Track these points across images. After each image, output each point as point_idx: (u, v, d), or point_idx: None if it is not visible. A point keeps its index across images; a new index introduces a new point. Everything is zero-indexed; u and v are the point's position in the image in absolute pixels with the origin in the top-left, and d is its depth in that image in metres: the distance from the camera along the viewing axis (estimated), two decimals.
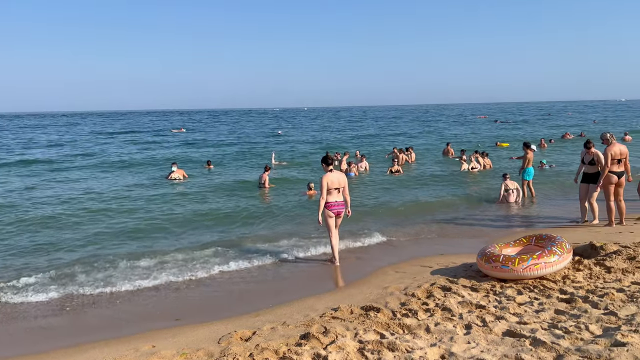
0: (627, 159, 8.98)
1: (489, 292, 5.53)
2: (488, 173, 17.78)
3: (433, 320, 4.66)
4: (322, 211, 7.41)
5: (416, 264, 7.31)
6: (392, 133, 43.21)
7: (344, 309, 5.18)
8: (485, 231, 9.70)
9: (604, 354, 3.57)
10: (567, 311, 4.71)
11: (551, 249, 5.85)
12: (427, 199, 13.54)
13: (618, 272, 5.79)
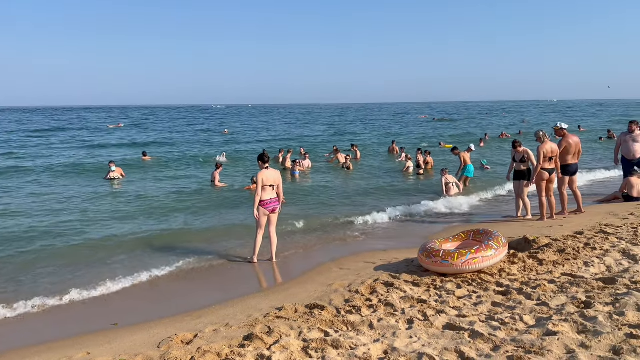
0: (557, 157, 9.47)
1: (430, 286, 5.66)
2: (430, 172, 18.28)
3: (376, 316, 4.70)
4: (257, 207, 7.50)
5: (360, 261, 7.38)
6: (340, 132, 43.50)
7: (289, 308, 5.13)
8: (426, 227, 9.96)
9: (537, 343, 3.72)
10: (503, 303, 4.88)
11: (488, 243, 6.07)
12: (370, 195, 13.74)
13: (549, 264, 6.08)
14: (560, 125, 9.88)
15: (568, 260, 6.15)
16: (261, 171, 7.54)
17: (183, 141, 33.91)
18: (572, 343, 3.69)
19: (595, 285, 5.08)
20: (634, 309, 4.26)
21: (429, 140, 33.09)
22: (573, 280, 5.32)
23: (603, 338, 3.71)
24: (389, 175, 17.95)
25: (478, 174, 16.57)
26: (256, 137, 38.10)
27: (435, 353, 3.72)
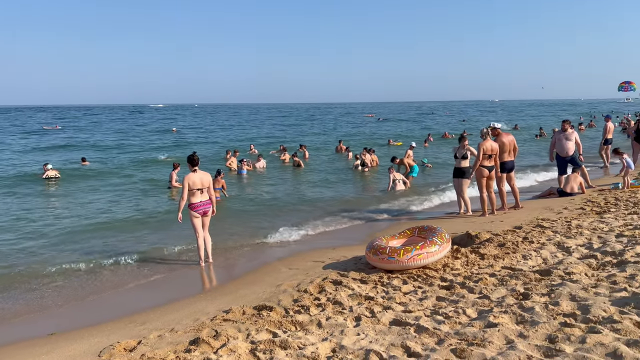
0: (497, 155, 9.84)
1: (377, 283, 5.74)
2: (375, 169, 18.59)
3: (325, 315, 4.71)
4: (184, 211, 7.39)
5: (309, 260, 7.39)
6: (291, 132, 43.42)
7: (236, 310, 5.06)
8: (373, 224, 10.11)
9: (479, 335, 3.85)
10: (447, 297, 5.02)
11: (432, 239, 6.22)
12: (318, 194, 13.80)
13: (490, 259, 6.31)
14: (494, 125, 10.29)
15: (508, 254, 6.40)
16: (188, 175, 7.40)
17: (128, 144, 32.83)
18: (511, 334, 3.84)
19: (533, 277, 5.31)
20: (567, 299, 4.48)
21: (375, 139, 33.62)
22: (512, 273, 5.54)
23: (540, 327, 3.88)
24: (336, 173, 18.12)
25: (420, 171, 16.99)
26: (208, 138, 37.41)
27: (382, 349, 3.77)
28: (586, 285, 4.83)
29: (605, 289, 4.70)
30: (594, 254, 6.00)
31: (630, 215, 8.11)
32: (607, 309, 4.12)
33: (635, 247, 6.02)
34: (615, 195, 10.48)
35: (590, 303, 4.26)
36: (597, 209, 9.13)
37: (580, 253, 6.13)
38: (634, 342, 3.46)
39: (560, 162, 11.87)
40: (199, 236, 7.50)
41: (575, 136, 11.83)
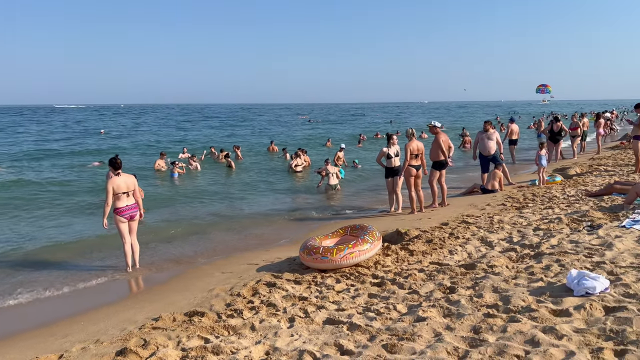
0: (422, 154, 10.19)
1: (311, 283, 5.76)
2: (308, 169, 18.69)
3: (258, 318, 4.67)
4: (109, 216, 7.10)
5: (242, 262, 7.30)
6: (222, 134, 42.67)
7: (166, 318, 4.90)
8: (307, 224, 10.15)
9: (409, 329, 3.96)
10: (378, 294, 5.12)
11: (364, 237, 6.34)
12: (251, 194, 13.68)
13: (419, 255, 6.52)
14: (434, 123, 10.67)
15: (435, 250, 6.64)
16: (111, 179, 7.09)
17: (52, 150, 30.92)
18: (439, 327, 3.98)
19: (459, 272, 5.54)
20: (490, 291, 4.71)
21: (309, 140, 33.80)
22: (440, 268, 5.75)
23: (465, 319, 4.06)
24: (269, 174, 18.05)
25: (351, 172, 17.30)
26: (140, 139, 35.98)
27: (315, 349, 3.78)
28: (507, 277, 5.10)
29: (524, 279, 4.99)
30: (513, 247, 6.36)
31: (546, 210, 8.67)
32: (526, 298, 4.37)
33: (550, 240, 6.45)
34: (532, 191, 11.16)
35: (511, 294, 4.51)
36: (516, 204, 9.69)
37: (502, 247, 6.48)
38: (550, 328, 3.70)
39: (482, 160, 12.48)
40: (125, 242, 7.20)
41: (497, 136, 12.48)
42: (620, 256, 5.45)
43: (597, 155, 18.21)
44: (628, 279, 4.67)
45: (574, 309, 4.04)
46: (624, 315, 3.80)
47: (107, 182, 7.04)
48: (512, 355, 3.34)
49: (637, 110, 12.60)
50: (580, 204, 8.92)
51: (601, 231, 6.61)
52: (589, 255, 5.61)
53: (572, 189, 10.71)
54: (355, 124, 57.47)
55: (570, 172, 13.48)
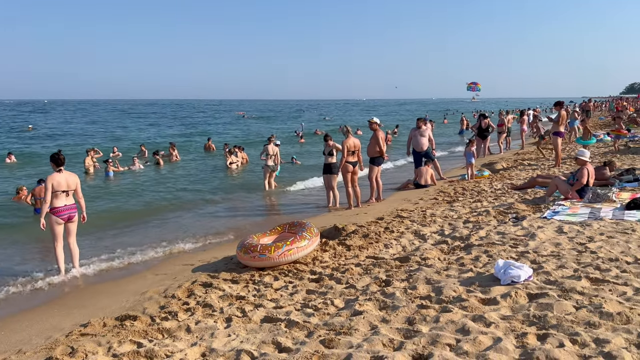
0: (359, 150, 10.35)
1: (248, 282, 5.70)
2: (245, 167, 18.50)
3: (194, 319, 4.56)
4: (47, 216, 6.71)
5: (177, 263, 7.10)
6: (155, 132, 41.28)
7: (95, 323, 4.68)
8: (245, 223, 10.03)
9: (346, 324, 4.01)
10: (316, 290, 5.15)
11: (302, 234, 6.35)
12: (188, 194, 13.36)
13: (356, 249, 6.61)
14: (374, 120, 10.85)
15: (371, 244, 6.76)
16: (52, 175, 6.71)
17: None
18: (375, 319, 4.05)
19: (394, 265, 5.67)
20: (423, 283, 4.86)
21: (246, 137, 33.46)
22: (375, 262, 5.87)
23: (400, 311, 4.16)
24: (206, 172, 17.70)
25: (289, 168, 17.31)
26: (71, 137, 34.07)
27: (253, 348, 3.75)
28: (439, 269, 5.29)
29: (455, 270, 5.19)
30: (445, 239, 6.60)
31: (475, 203, 9.07)
32: (457, 289, 4.55)
33: (479, 232, 6.75)
34: (462, 185, 11.64)
35: (443, 285, 4.67)
36: (447, 198, 10.06)
37: (434, 239, 6.70)
38: (479, 317, 3.87)
39: (416, 156, 12.85)
40: (57, 244, 6.77)
41: (429, 132, 12.89)
42: (542, 245, 5.79)
43: (522, 150, 19.26)
44: (549, 266, 4.97)
45: (501, 297, 4.25)
46: (545, 301, 4.04)
47: (47, 179, 6.62)
48: (444, 344, 3.46)
49: (556, 107, 13.45)
50: (506, 197, 9.40)
51: (525, 222, 7.00)
52: (514, 245, 5.93)
53: (499, 183, 11.27)
54: (292, 120, 57.52)
55: (497, 166, 14.16)
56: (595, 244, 5.71)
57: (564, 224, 6.79)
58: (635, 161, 12.58)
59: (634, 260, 5.05)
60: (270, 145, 13.78)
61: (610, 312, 3.73)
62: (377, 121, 10.84)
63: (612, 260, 5.07)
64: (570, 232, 6.31)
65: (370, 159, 10.80)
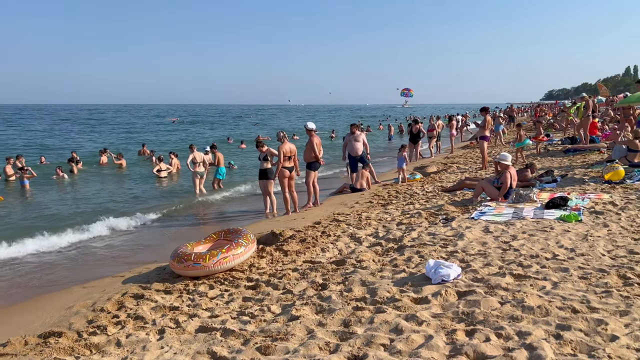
0: (295, 156, 10.39)
1: (182, 292, 5.55)
2: (179, 173, 18.06)
3: (124, 333, 4.38)
4: None
5: (106, 275, 6.80)
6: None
7: (16, 342, 4.38)
8: (178, 231, 9.77)
9: (282, 329, 4.00)
10: (253, 297, 5.10)
11: (238, 241, 6.27)
12: (118, 203, 12.83)
13: (293, 254, 6.62)
14: (309, 126, 10.91)
15: (308, 249, 6.79)
16: None
17: None
18: (311, 324, 4.07)
19: (330, 268, 5.73)
20: (358, 285, 4.94)
21: (177, 143, 32.61)
22: (312, 266, 5.90)
23: (336, 314, 4.21)
24: (138, 178, 17.10)
25: (227, 174, 17.07)
26: None
27: (187, 359, 3.65)
28: (374, 271, 5.40)
29: (389, 272, 5.32)
30: (379, 241, 6.75)
31: (408, 206, 9.34)
32: (390, 289, 4.66)
33: (411, 233, 6.96)
34: (396, 188, 11.95)
35: (377, 286, 4.78)
36: (382, 201, 10.29)
37: (369, 242, 6.84)
38: (411, 316, 3.99)
39: (351, 161, 13.07)
40: None
41: (363, 138, 13.15)
42: (469, 245, 6.06)
43: (451, 154, 20.06)
44: (476, 265, 5.21)
45: (432, 296, 4.40)
46: (473, 298, 4.23)
47: None
48: (378, 345, 3.54)
49: (482, 113, 14.13)
50: (437, 199, 9.75)
51: (454, 223, 7.30)
52: (444, 245, 6.16)
53: (430, 186, 11.67)
54: (228, 125, 56.80)
55: (428, 170, 14.67)
56: (518, 242, 6.05)
57: (490, 223, 7.14)
58: (554, 163, 13.46)
59: (552, 256, 5.40)
60: (197, 152, 13.60)
61: (532, 306, 3.96)
62: (313, 127, 10.92)
63: (533, 256, 5.40)
64: (496, 232, 6.65)
65: (307, 164, 10.87)
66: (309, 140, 10.74)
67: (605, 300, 4.03)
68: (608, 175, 9.68)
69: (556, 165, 13.05)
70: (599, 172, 10.87)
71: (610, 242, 5.85)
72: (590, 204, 7.91)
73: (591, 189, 9.35)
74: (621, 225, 6.54)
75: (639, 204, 7.64)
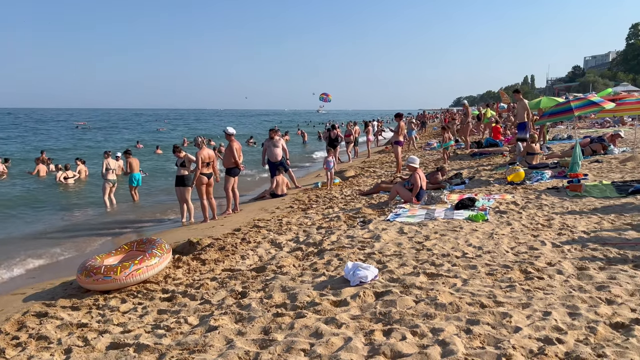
0: (214, 161, 10.17)
1: (91, 307, 5.22)
2: (86, 181, 17.07)
3: (26, 355, 4.03)
4: None
5: (4, 293, 6.25)
6: None
7: None
8: (86, 243, 9.21)
9: (200, 341, 3.87)
10: (169, 309, 4.90)
11: (152, 251, 6.00)
12: (16, 215, 11.86)
13: (211, 263, 6.45)
14: (228, 131, 10.71)
15: (228, 257, 6.65)
16: None
17: None
18: (230, 333, 3.98)
19: (250, 275, 5.65)
20: (279, 291, 4.91)
21: (84, 149, 30.83)
22: (232, 274, 5.78)
23: (256, 322, 4.15)
24: (39, 188, 15.90)
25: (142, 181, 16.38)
26: None
27: None
28: (294, 276, 5.40)
29: (309, 276, 5.34)
30: (300, 246, 6.77)
31: (327, 210, 9.46)
32: (310, 294, 4.68)
33: (331, 236, 7.05)
34: (316, 193, 12.06)
35: (297, 291, 4.78)
36: (302, 206, 10.35)
37: (290, 247, 6.83)
38: (331, 319, 4.02)
39: (271, 166, 13.02)
40: None
41: (282, 143, 13.15)
42: (386, 246, 6.24)
43: (368, 158, 20.62)
44: (392, 265, 5.38)
45: (351, 298, 4.47)
46: (389, 298, 4.36)
47: None
48: (298, 350, 3.53)
49: (396, 119, 14.66)
50: (355, 202, 9.97)
51: (371, 225, 7.49)
52: (362, 247, 6.30)
53: (349, 190, 11.91)
54: (136, 130, 54.64)
55: (347, 174, 14.97)
56: (430, 242, 6.32)
57: (404, 225, 7.41)
58: (462, 166, 14.26)
59: (462, 254, 5.69)
60: (110, 159, 12.96)
61: (444, 303, 4.14)
62: (233, 132, 10.76)
63: (445, 255, 5.66)
64: (410, 233, 6.91)
65: (226, 170, 10.69)
66: (229, 146, 10.57)
67: (510, 294, 4.31)
68: (510, 177, 10.40)
69: (465, 167, 13.83)
70: (502, 174, 11.65)
71: (513, 239, 6.27)
72: (495, 204, 8.45)
73: (496, 190, 10.00)
74: (522, 223, 7.04)
75: (537, 203, 8.28)
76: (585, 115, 17.36)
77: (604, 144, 13.93)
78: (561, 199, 8.45)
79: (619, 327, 3.56)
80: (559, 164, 12.02)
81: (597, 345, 3.28)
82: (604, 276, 4.66)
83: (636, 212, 7.18)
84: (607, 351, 3.17)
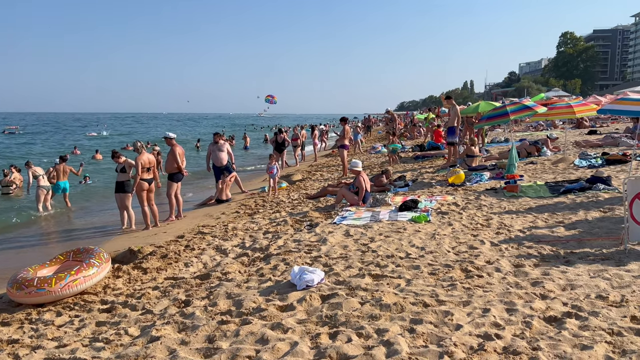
0: (155, 167, 9.89)
1: (23, 322, 4.92)
2: (23, 187, 16.15)
3: None
4: None
5: None
6: None
7: None
8: (16, 255, 8.69)
9: (142, 352, 3.73)
10: (108, 320, 4.70)
11: (89, 261, 5.75)
12: None
13: (153, 272, 6.25)
14: (169, 135, 10.43)
15: (170, 265, 6.47)
16: None
17: None
18: (173, 343, 3.87)
19: (194, 283, 5.52)
20: (224, 298, 4.83)
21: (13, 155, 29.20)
22: (175, 283, 5.62)
23: (200, 331, 4.05)
24: None
25: (79, 187, 15.71)
26: None
27: None
28: (240, 282, 5.31)
29: (255, 282, 5.28)
30: (246, 252, 6.68)
31: (274, 214, 9.40)
32: (256, 299, 4.63)
33: (278, 241, 7.00)
34: (263, 197, 11.98)
35: (243, 297, 4.71)
36: (249, 211, 10.24)
37: (235, 253, 6.73)
38: (277, 324, 3.99)
39: (216, 171, 12.80)
40: None
41: (227, 147, 12.98)
42: (332, 249, 6.28)
43: (315, 162, 20.71)
44: (338, 268, 5.41)
45: (297, 302, 4.45)
46: (336, 300, 4.37)
47: None
48: (244, 357, 3.48)
49: (342, 123, 14.82)
50: (302, 206, 9.97)
51: (318, 229, 7.51)
52: (308, 251, 6.30)
53: (296, 193, 11.90)
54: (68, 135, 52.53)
55: (294, 178, 14.97)
56: (375, 243, 6.41)
57: (350, 227, 7.48)
58: (406, 169, 14.58)
59: (405, 255, 5.81)
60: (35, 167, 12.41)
61: (388, 304, 4.21)
62: (173, 136, 10.51)
63: (389, 256, 5.76)
64: (356, 235, 6.98)
65: (169, 175, 10.41)
66: (171, 150, 10.31)
67: (451, 293, 4.44)
68: (451, 179, 10.74)
69: (409, 170, 14.15)
70: (443, 176, 12.01)
71: (454, 239, 6.47)
72: (437, 205, 8.69)
73: (437, 191, 10.29)
74: (463, 224, 7.28)
75: (477, 204, 8.59)
76: (520, 118, 18.23)
77: (537, 146, 14.66)
78: (499, 200, 8.81)
79: (552, 321, 3.73)
80: (496, 165, 12.54)
81: (532, 339, 3.43)
82: (538, 272, 4.89)
83: (567, 210, 7.60)
84: (541, 344, 3.32)
